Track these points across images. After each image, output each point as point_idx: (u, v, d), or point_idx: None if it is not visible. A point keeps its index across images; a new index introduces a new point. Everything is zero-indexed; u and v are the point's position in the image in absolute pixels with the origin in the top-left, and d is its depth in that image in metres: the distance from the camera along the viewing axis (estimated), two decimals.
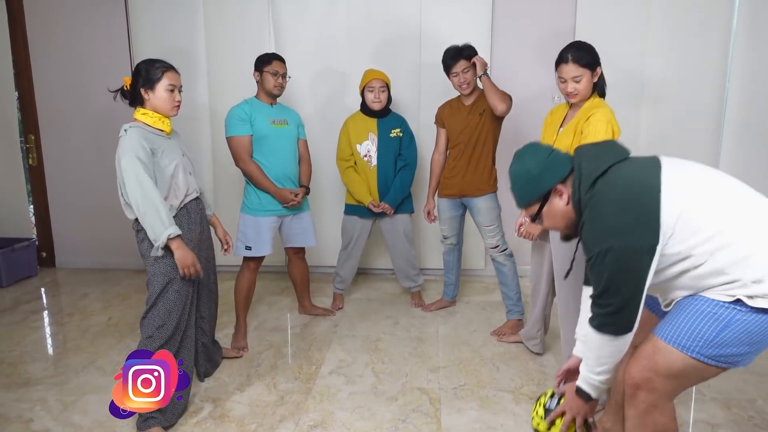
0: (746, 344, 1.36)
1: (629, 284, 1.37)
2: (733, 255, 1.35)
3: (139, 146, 2.00)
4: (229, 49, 3.90)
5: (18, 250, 4.03)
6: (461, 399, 2.37)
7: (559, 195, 1.53)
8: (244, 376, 2.59)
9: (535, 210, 1.57)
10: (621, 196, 1.39)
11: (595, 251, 1.39)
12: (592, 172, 1.45)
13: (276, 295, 3.73)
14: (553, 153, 1.55)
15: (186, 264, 2.06)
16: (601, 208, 1.40)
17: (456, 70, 2.90)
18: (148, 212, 1.97)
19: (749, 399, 2.34)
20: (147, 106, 2.13)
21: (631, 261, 1.36)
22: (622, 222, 1.36)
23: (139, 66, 2.13)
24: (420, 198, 3.73)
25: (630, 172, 1.43)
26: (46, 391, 2.47)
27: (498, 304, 3.41)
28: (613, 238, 1.36)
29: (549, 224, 1.60)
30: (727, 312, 1.36)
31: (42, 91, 4.17)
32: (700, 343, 1.37)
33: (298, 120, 3.02)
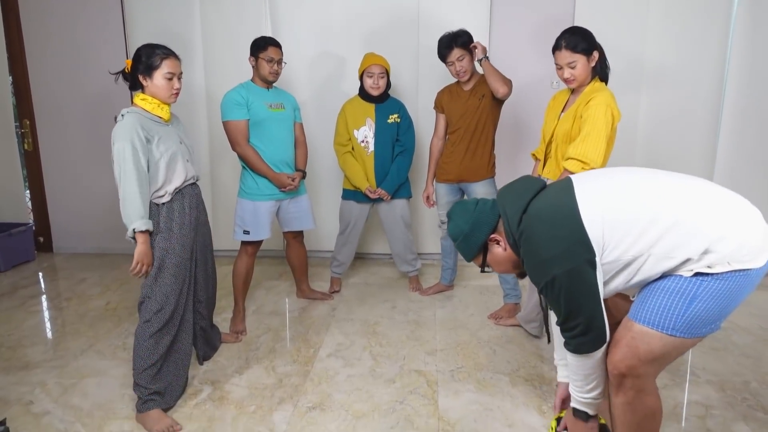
0: (716, 310, 1.40)
1: (586, 302, 1.43)
2: (670, 240, 1.39)
3: (134, 132, 1.99)
4: (225, 33, 3.86)
5: (15, 235, 4.03)
6: (458, 381, 2.39)
7: (497, 243, 1.62)
8: (242, 359, 2.61)
9: (479, 261, 1.66)
10: (546, 227, 1.46)
11: (542, 284, 1.47)
12: (515, 213, 1.53)
13: (274, 279, 3.74)
14: (478, 206, 1.63)
15: (142, 260, 2.05)
16: (531, 244, 1.48)
17: (451, 59, 2.88)
18: (126, 201, 1.99)
19: (744, 381, 2.36)
20: (146, 91, 2.12)
21: (578, 281, 1.42)
22: (555, 250, 1.43)
23: (140, 51, 2.10)
24: (418, 183, 3.73)
25: (547, 201, 1.50)
26: (46, 374, 2.48)
27: (495, 288, 3.43)
28: (552, 268, 1.43)
29: (498, 270, 1.68)
30: (692, 285, 1.39)
31: (36, 76, 4.14)
32: (673, 319, 1.40)
33: (294, 103, 3.01)
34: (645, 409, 1.49)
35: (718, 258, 1.37)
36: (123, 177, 1.98)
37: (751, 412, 2.13)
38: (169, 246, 2.12)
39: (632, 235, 1.41)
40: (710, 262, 1.37)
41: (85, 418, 2.14)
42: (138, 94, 2.13)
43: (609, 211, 1.43)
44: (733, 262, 1.36)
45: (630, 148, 3.76)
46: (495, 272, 1.71)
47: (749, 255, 1.37)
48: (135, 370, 2.09)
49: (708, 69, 3.67)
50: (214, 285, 2.51)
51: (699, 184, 1.48)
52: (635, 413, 1.50)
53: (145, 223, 2.01)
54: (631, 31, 3.65)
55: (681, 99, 3.72)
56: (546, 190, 1.57)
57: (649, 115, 3.75)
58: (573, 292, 1.42)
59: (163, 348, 2.12)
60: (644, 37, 3.66)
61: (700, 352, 2.62)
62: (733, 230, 1.38)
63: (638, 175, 1.53)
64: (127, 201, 1.98)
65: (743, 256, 1.36)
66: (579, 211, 1.43)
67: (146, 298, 2.11)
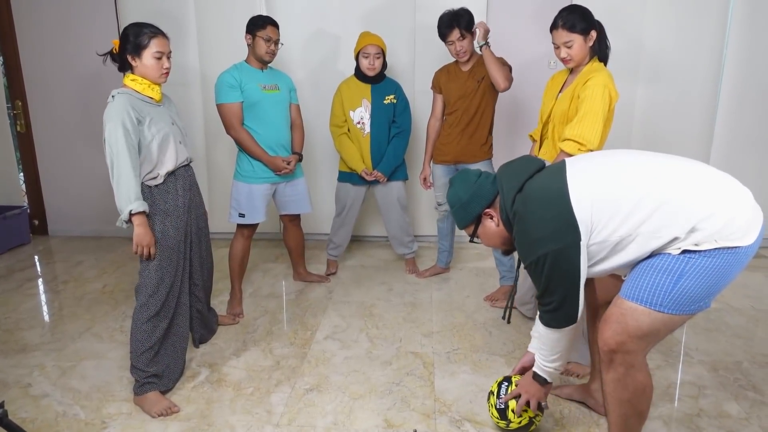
0: (704, 287, 1.42)
1: (564, 283, 1.51)
2: (657, 220, 1.41)
3: (125, 113, 1.95)
4: (219, 12, 3.80)
5: (9, 218, 4.01)
6: (454, 363, 2.41)
7: (490, 217, 1.69)
8: (240, 341, 2.62)
9: (470, 231, 1.73)
10: (536, 208, 1.52)
11: (528, 261, 1.55)
12: (510, 192, 1.59)
13: (271, 262, 3.75)
14: (479, 179, 1.69)
15: (141, 242, 2.01)
16: (523, 223, 1.54)
17: (452, 39, 2.84)
18: (120, 183, 1.95)
19: (735, 362, 2.39)
20: (135, 72, 2.08)
21: (561, 262, 1.48)
22: (543, 231, 1.49)
23: (127, 30, 2.05)
24: (415, 165, 3.72)
25: (540, 183, 1.55)
26: (44, 356, 2.49)
27: (491, 270, 3.44)
28: (540, 247, 1.50)
29: (486, 243, 1.76)
30: (679, 263, 1.42)
31: (28, 56, 4.07)
32: (661, 296, 1.43)
33: (290, 84, 2.97)
34: (636, 385, 1.52)
35: (704, 236, 1.39)
36: (116, 159, 1.95)
37: (742, 391, 2.17)
38: (163, 229, 2.10)
39: (620, 216, 1.44)
40: (697, 240, 1.40)
41: (83, 400, 2.15)
42: (128, 75, 2.09)
43: (597, 193, 1.47)
44: (720, 239, 1.38)
45: (627, 132, 3.75)
46: (482, 244, 1.77)
47: (737, 233, 1.39)
48: (132, 353, 2.10)
49: (706, 53, 3.65)
50: (210, 268, 2.50)
51: (689, 164, 1.50)
52: (626, 389, 1.53)
53: (141, 204, 1.99)
54: (630, 14, 3.61)
55: (679, 83, 3.69)
56: (543, 171, 1.61)
57: (647, 98, 3.73)
58: (555, 271, 1.50)
59: (161, 331, 2.13)
60: (642, 20, 3.63)
61: (693, 333, 2.65)
62: (721, 208, 1.40)
63: (630, 157, 1.56)
64: (122, 183, 1.95)
65: (731, 234, 1.38)
66: (568, 194, 1.47)
67: (143, 281, 2.10)
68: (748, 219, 1.41)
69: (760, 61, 3.61)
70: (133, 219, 1.99)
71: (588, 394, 2.05)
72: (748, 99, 3.67)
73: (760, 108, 3.69)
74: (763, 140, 3.74)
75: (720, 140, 3.72)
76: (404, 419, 2.02)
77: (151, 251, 2.05)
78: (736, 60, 3.61)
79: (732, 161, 3.67)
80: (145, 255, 2.05)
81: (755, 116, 3.70)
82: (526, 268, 1.57)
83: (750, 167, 3.72)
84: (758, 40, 3.58)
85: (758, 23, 3.56)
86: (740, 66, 3.62)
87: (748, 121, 3.71)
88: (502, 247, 1.74)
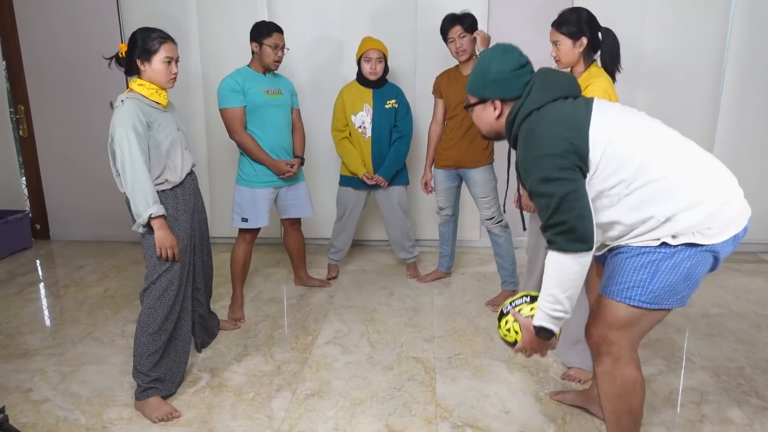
0: (680, 283, 1.45)
1: (576, 201, 1.41)
2: (647, 192, 1.43)
3: (135, 118, 1.95)
4: (221, 17, 3.81)
5: (11, 222, 4.01)
6: (456, 368, 2.41)
7: (495, 107, 1.59)
8: (241, 346, 2.62)
9: (470, 102, 1.64)
10: (554, 126, 1.45)
11: (533, 178, 1.45)
12: (531, 103, 1.50)
13: (272, 267, 3.75)
14: (519, 71, 1.56)
15: (164, 245, 2.02)
16: (534, 137, 1.46)
17: (452, 35, 2.85)
18: (135, 188, 1.94)
19: (738, 367, 2.38)
20: (143, 77, 2.07)
21: (570, 182, 1.41)
22: (555, 149, 1.42)
23: (136, 35, 2.05)
24: (416, 169, 3.72)
25: (564, 107, 1.49)
26: (45, 361, 2.49)
27: (493, 275, 3.44)
28: (548, 164, 1.42)
29: (474, 120, 1.68)
30: (654, 258, 1.45)
31: (30, 60, 4.08)
32: (637, 292, 1.47)
33: (291, 88, 2.98)
34: (624, 379, 1.54)
35: (683, 227, 1.41)
36: (131, 163, 1.93)
37: (745, 397, 2.16)
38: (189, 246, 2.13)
39: (622, 174, 1.43)
40: (672, 231, 1.42)
41: (84, 405, 2.15)
42: (135, 80, 2.09)
43: (613, 143, 1.44)
44: (697, 234, 1.41)
45: None
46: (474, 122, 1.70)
47: (715, 229, 1.41)
48: (136, 356, 2.10)
49: (706, 57, 3.65)
50: (210, 272, 2.51)
51: (697, 150, 1.51)
52: (614, 382, 1.55)
53: (160, 208, 1.99)
54: (631, 16, 3.61)
55: (679, 87, 3.70)
56: (569, 100, 1.54)
57: (647, 103, 3.72)
58: (564, 188, 1.41)
59: (165, 335, 2.13)
60: (643, 24, 3.63)
61: (694, 338, 2.64)
62: (707, 201, 1.42)
63: (653, 124, 1.54)
64: (138, 187, 1.94)
65: (708, 230, 1.41)
66: (589, 128, 1.44)
67: (150, 285, 2.10)
68: (730, 216, 1.44)
69: (762, 65, 3.61)
70: (153, 223, 1.99)
71: (590, 401, 2.05)
72: (749, 103, 3.67)
73: (763, 112, 3.69)
74: (766, 144, 3.74)
75: (721, 147, 3.71)
76: (405, 425, 2.02)
77: (176, 252, 2.06)
78: (738, 64, 3.62)
79: (734, 166, 3.65)
80: (170, 256, 2.05)
81: (757, 120, 3.70)
82: (529, 188, 1.47)
83: (752, 172, 3.71)
84: (760, 44, 3.58)
85: (759, 27, 3.56)
86: (742, 70, 3.63)
87: (750, 125, 3.71)
88: (484, 133, 1.69)
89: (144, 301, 2.11)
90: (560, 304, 1.45)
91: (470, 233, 4.06)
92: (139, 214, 1.97)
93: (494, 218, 3.00)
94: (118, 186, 2.05)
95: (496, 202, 3.02)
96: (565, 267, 1.43)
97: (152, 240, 2.05)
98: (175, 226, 2.12)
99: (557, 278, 1.45)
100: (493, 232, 3.03)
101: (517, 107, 1.53)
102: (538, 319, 1.50)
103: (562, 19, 2.21)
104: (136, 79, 2.08)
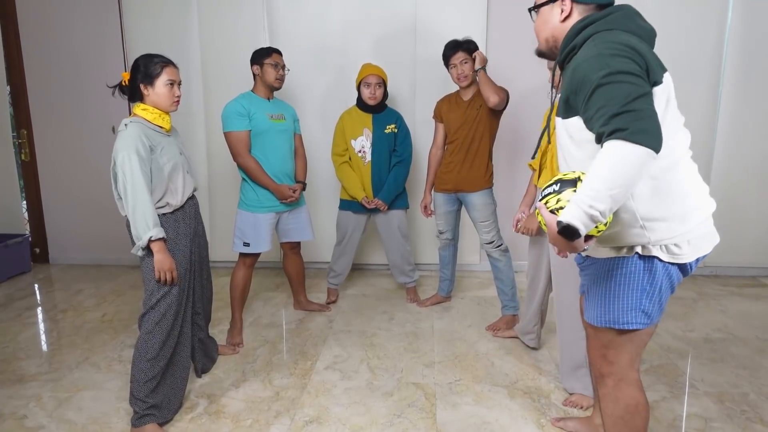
0: (646, 300, 1.45)
1: (650, 105, 1.25)
2: (659, 184, 1.38)
3: (139, 142, 1.98)
4: (223, 44, 3.88)
5: (11, 246, 4.01)
6: (456, 394, 2.38)
7: (563, 9, 1.45)
8: (239, 371, 2.59)
9: (538, 1, 1.52)
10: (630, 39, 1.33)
11: (606, 71, 1.26)
12: (611, 22, 1.38)
13: (271, 291, 3.73)
14: None
15: (163, 268, 2.02)
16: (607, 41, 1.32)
17: (454, 62, 2.90)
18: (136, 211, 1.95)
19: (742, 393, 2.35)
20: (147, 101, 2.10)
21: (645, 84, 1.27)
22: (631, 55, 1.29)
23: (138, 61, 2.10)
24: (416, 193, 3.74)
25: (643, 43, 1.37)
26: (40, 387, 2.46)
27: (493, 299, 3.42)
28: (624, 63, 1.27)
29: (537, 27, 1.54)
30: (621, 280, 1.46)
31: (34, 86, 4.14)
32: (610, 315, 1.48)
33: (294, 114, 3.01)
34: (627, 401, 1.53)
35: (654, 238, 1.40)
36: (132, 186, 1.95)
37: (750, 424, 2.13)
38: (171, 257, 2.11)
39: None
40: (645, 241, 1.40)
41: None
42: (138, 105, 2.12)
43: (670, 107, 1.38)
44: (664, 248, 1.42)
45: None
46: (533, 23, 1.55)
47: (684, 248, 1.42)
48: (134, 383, 2.07)
49: (704, 65, 3.69)
50: (210, 296, 2.49)
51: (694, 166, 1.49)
52: (617, 404, 1.54)
53: (160, 231, 2.00)
54: None
55: (678, 92, 3.72)
56: None
57: None
58: (640, 88, 1.24)
59: (164, 361, 2.11)
60: None
61: (697, 364, 2.61)
62: (693, 216, 1.41)
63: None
64: (138, 210, 1.96)
65: (676, 246, 1.41)
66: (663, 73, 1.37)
67: (149, 310, 2.09)
68: (704, 235, 1.44)
69: (760, 70, 3.66)
70: (152, 246, 1.99)
71: (592, 427, 2.02)
72: (748, 110, 3.69)
73: (761, 118, 3.71)
74: (764, 154, 3.76)
75: (719, 159, 3.74)
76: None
77: (174, 276, 2.06)
78: (736, 68, 3.66)
79: (732, 174, 3.69)
80: (168, 280, 2.05)
81: (756, 127, 3.72)
82: (601, 78, 1.27)
83: (751, 179, 3.72)
84: (756, 50, 3.63)
85: (757, 27, 3.61)
86: (740, 70, 3.66)
87: (748, 137, 3.72)
88: (543, 44, 1.53)
89: (142, 327, 2.10)
90: (600, 202, 1.22)
91: (470, 257, 4.06)
92: (139, 237, 1.97)
93: (494, 242, 3.00)
94: (119, 209, 2.05)
95: (496, 226, 3.02)
96: (624, 158, 1.21)
97: (151, 263, 2.04)
98: (174, 249, 2.12)
99: (608, 170, 1.22)
100: (492, 256, 3.03)
101: (595, 17, 1.39)
102: (567, 215, 1.26)
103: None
104: (139, 104, 2.11)
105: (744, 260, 3.86)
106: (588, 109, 1.31)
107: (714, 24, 3.64)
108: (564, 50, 1.45)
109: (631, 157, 1.21)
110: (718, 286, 3.71)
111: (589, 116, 1.31)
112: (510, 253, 3.06)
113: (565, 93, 1.40)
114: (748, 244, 3.82)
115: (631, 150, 1.20)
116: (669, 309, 3.18)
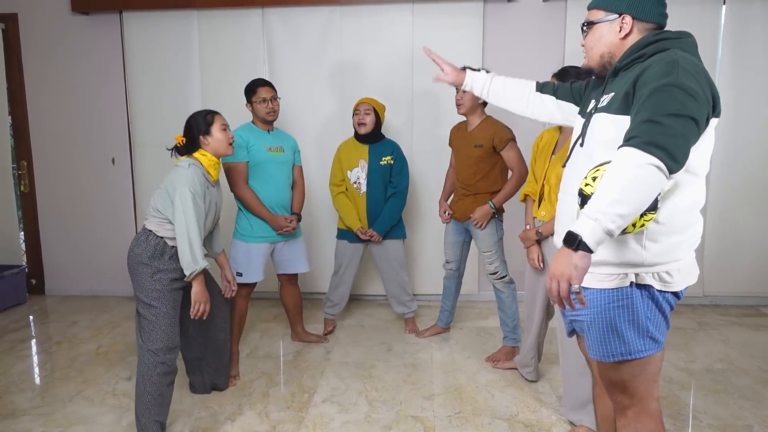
0: (650, 325, 1.44)
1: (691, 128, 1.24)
2: (677, 200, 1.39)
3: (194, 182, 2.18)
4: (223, 76, 3.93)
5: (7, 277, 3.98)
6: (456, 427, 2.34)
7: (622, 26, 1.44)
8: (235, 404, 2.55)
9: (593, 18, 1.49)
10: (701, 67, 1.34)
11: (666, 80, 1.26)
12: (680, 42, 1.39)
13: (268, 321, 3.70)
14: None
15: (199, 299, 2.17)
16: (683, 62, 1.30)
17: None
18: (191, 241, 2.11)
19: (746, 425, 2.32)
20: (207, 149, 2.31)
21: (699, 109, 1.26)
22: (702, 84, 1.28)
23: (190, 121, 2.33)
24: (414, 224, 3.74)
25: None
26: (32, 422, 2.41)
27: (492, 329, 3.39)
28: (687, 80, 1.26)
29: (589, 42, 1.51)
30: (617, 314, 1.43)
31: (36, 118, 4.18)
32: (620, 348, 1.45)
33: (294, 145, 3.04)
34: (645, 431, 1.49)
35: (649, 259, 1.40)
36: (187, 220, 2.11)
37: None
38: (187, 286, 2.24)
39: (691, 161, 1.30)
40: (639, 261, 1.40)
41: None
42: (200, 150, 2.31)
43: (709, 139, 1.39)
44: (657, 276, 1.41)
45: None
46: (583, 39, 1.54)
47: (675, 276, 1.43)
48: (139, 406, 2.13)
49: None
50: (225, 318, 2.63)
51: None
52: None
53: (205, 263, 2.16)
54: None
55: None
56: None
57: None
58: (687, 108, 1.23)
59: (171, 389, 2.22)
60: None
61: (700, 395, 2.58)
62: (691, 239, 1.44)
63: None
64: (193, 242, 2.11)
65: (667, 274, 1.42)
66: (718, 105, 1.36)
67: (154, 341, 2.15)
68: (686, 269, 1.46)
69: (750, 94, 3.70)
70: (196, 277, 2.15)
71: None
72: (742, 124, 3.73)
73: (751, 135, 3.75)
74: (762, 186, 3.79)
75: (714, 189, 3.77)
76: None
77: (207, 309, 2.20)
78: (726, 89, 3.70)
79: (730, 203, 3.70)
80: (201, 312, 2.18)
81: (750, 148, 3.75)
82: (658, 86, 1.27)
83: (750, 210, 3.74)
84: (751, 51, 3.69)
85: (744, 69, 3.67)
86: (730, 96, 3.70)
87: (742, 161, 3.76)
88: (595, 60, 1.50)
89: (146, 356, 2.16)
90: (604, 214, 1.21)
91: (469, 287, 4.03)
92: (186, 269, 2.11)
93: (497, 273, 2.98)
94: (149, 222, 2.22)
95: (499, 257, 3.00)
96: (629, 167, 1.21)
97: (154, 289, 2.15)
98: (187, 286, 2.24)
99: (622, 182, 1.21)
100: (496, 287, 3.00)
101: (669, 35, 1.40)
102: (581, 226, 1.24)
103: (563, 72, 2.29)
104: (200, 150, 2.31)
105: (743, 289, 3.85)
106: (635, 107, 1.31)
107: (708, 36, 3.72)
108: (628, 57, 1.43)
109: (643, 171, 1.20)
110: (719, 316, 3.69)
111: (633, 113, 1.31)
112: (515, 284, 3.03)
113: (626, 87, 1.37)
114: (748, 273, 3.82)
115: (642, 159, 1.20)
116: (670, 339, 3.15)
